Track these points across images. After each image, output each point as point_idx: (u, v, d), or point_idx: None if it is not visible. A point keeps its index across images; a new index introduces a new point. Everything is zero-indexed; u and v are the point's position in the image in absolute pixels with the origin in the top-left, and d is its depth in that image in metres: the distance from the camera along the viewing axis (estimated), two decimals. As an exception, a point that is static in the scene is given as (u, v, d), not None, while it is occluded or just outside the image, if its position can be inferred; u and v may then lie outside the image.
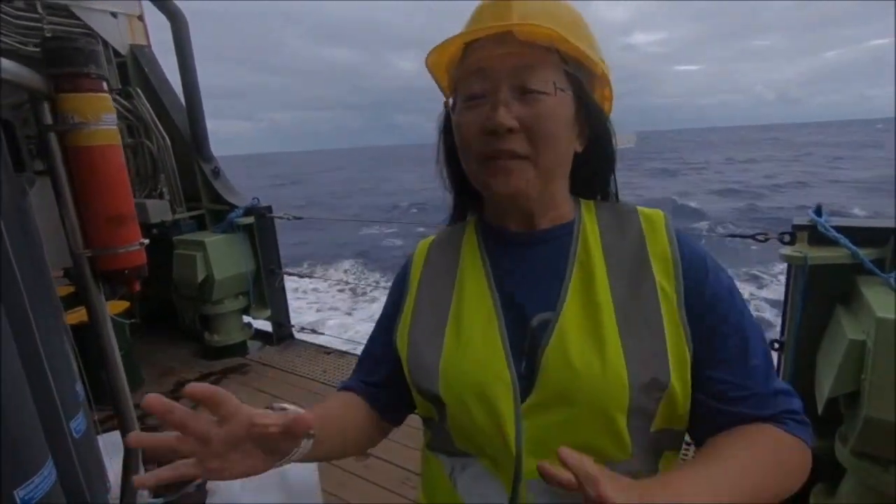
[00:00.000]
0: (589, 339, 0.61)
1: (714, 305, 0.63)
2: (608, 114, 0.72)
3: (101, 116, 1.00)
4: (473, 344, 0.65)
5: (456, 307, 0.69)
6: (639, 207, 0.71)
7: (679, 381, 0.60)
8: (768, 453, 0.58)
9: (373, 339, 0.81)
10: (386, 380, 0.77)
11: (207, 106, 3.64)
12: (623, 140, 0.72)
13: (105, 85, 1.02)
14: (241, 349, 3.65)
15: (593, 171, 0.73)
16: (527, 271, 0.69)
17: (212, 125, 3.74)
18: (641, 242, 0.67)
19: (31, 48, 3.03)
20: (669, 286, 0.63)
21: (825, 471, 1.65)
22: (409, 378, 0.71)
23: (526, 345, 0.64)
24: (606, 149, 0.70)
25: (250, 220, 3.52)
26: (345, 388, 0.80)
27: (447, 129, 0.73)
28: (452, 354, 0.66)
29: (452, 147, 0.71)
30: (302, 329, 3.90)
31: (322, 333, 3.97)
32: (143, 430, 2.70)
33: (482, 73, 0.63)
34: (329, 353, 3.57)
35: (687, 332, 0.61)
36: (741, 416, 0.61)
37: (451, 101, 0.68)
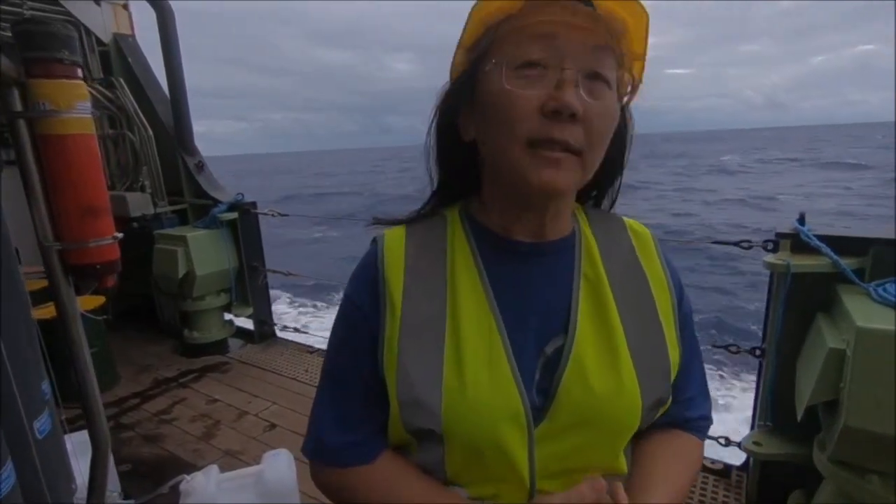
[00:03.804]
0: (605, 363, 0.59)
1: (683, 323, 0.67)
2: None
3: (73, 104, 0.96)
4: (480, 380, 0.57)
5: (452, 330, 0.59)
6: (625, 219, 0.69)
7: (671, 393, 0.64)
8: (693, 468, 0.70)
9: (352, 373, 0.64)
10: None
11: (202, 106, 3.62)
12: None
13: (79, 72, 0.98)
14: (221, 347, 3.59)
15: (599, 184, 0.69)
16: (535, 288, 0.62)
17: (206, 125, 3.71)
18: (635, 259, 0.66)
19: (8, 33, 2.95)
20: (667, 306, 0.64)
21: (802, 477, 1.67)
22: (395, 412, 0.60)
23: (538, 372, 0.59)
24: (619, 163, 0.66)
25: (234, 215, 3.46)
26: (372, 456, 0.64)
27: (448, 104, 0.63)
28: (456, 392, 0.57)
29: (451, 125, 0.63)
30: (284, 328, 3.85)
31: (305, 332, 3.92)
32: (115, 428, 2.64)
33: (550, 39, 0.53)
34: (312, 353, 3.53)
35: (681, 351, 0.65)
36: (675, 416, 0.69)
37: (487, 64, 0.56)
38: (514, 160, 0.55)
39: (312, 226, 19.86)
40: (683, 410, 0.69)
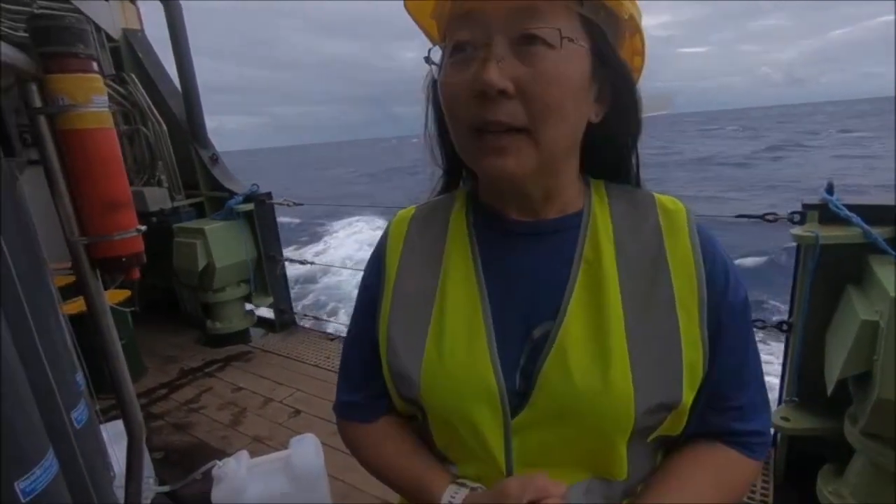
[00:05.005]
0: (594, 355, 0.53)
1: (728, 320, 0.57)
2: (639, 70, 0.61)
3: (91, 98, 0.96)
4: (457, 356, 0.57)
5: (439, 306, 0.60)
6: (657, 195, 0.61)
7: (690, 398, 0.55)
8: (728, 488, 0.60)
9: (360, 347, 0.67)
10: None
11: (212, 102, 3.62)
12: (655, 105, 0.59)
13: (95, 65, 0.98)
14: (243, 336, 3.65)
15: (612, 146, 0.61)
16: (528, 269, 0.59)
17: (217, 121, 3.72)
18: (659, 241, 0.57)
19: (21, 33, 2.97)
20: (690, 298, 0.55)
21: (831, 451, 1.65)
22: (387, 379, 0.62)
23: (523, 357, 0.57)
24: (631, 119, 0.58)
25: (250, 206, 3.49)
26: (371, 417, 0.68)
27: (436, 92, 0.60)
28: (434, 365, 0.57)
29: (440, 115, 0.61)
30: (305, 315, 3.90)
31: (325, 320, 3.96)
32: (145, 418, 2.71)
33: (469, 17, 0.50)
34: (332, 340, 3.57)
35: (706, 351, 0.55)
36: (716, 427, 0.61)
37: (431, 53, 0.57)
38: (466, 150, 0.55)
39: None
40: (728, 421, 0.60)
